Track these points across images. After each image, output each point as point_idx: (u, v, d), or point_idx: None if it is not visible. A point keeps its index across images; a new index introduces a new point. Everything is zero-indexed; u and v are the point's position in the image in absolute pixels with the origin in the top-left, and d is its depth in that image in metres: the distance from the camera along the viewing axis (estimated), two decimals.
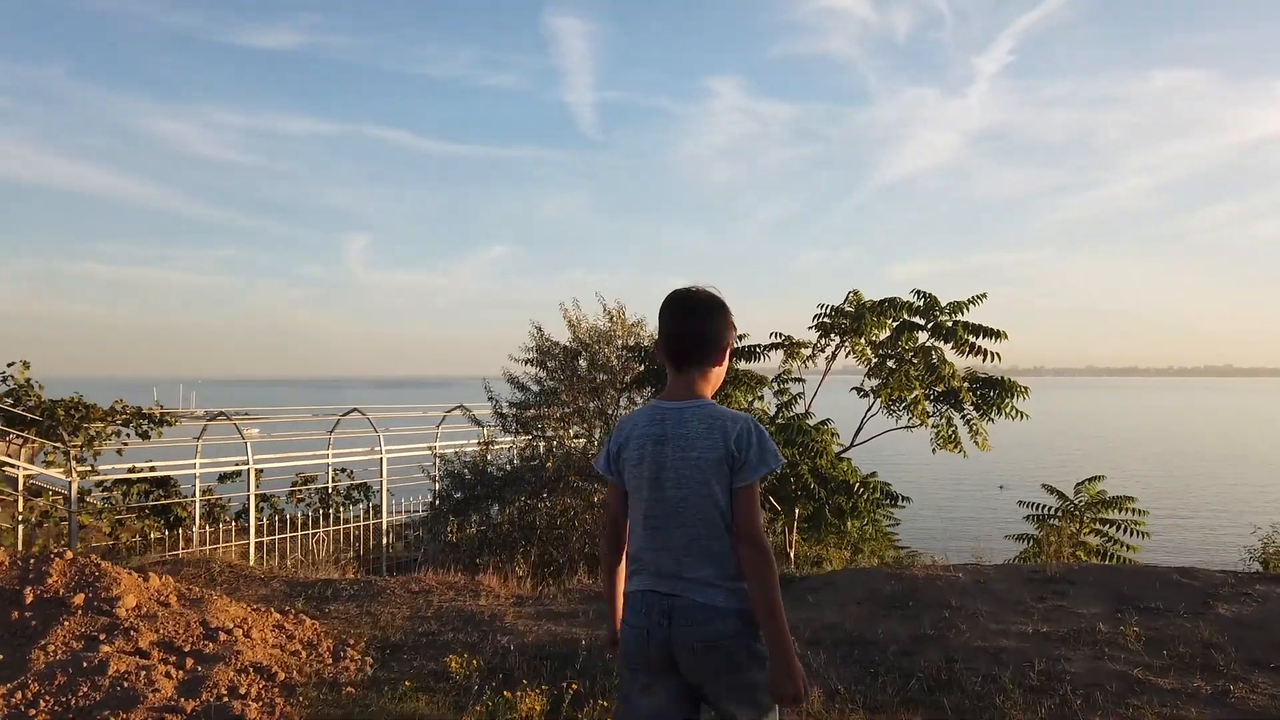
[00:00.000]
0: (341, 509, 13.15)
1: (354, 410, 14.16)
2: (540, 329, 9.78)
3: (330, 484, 13.95)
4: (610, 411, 9.53)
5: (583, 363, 9.47)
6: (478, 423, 9.78)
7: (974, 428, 8.23)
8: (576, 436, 8.95)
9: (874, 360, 8.06)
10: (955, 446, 8.23)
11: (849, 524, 7.48)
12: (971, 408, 8.27)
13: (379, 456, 13.20)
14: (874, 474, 15.43)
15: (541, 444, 9.58)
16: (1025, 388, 8.17)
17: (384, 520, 12.72)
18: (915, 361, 7.64)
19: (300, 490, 14.00)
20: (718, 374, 2.60)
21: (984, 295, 7.29)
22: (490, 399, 9.70)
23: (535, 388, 9.53)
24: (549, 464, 9.29)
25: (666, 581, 2.47)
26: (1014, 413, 8.27)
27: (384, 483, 12.94)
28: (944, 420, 8.19)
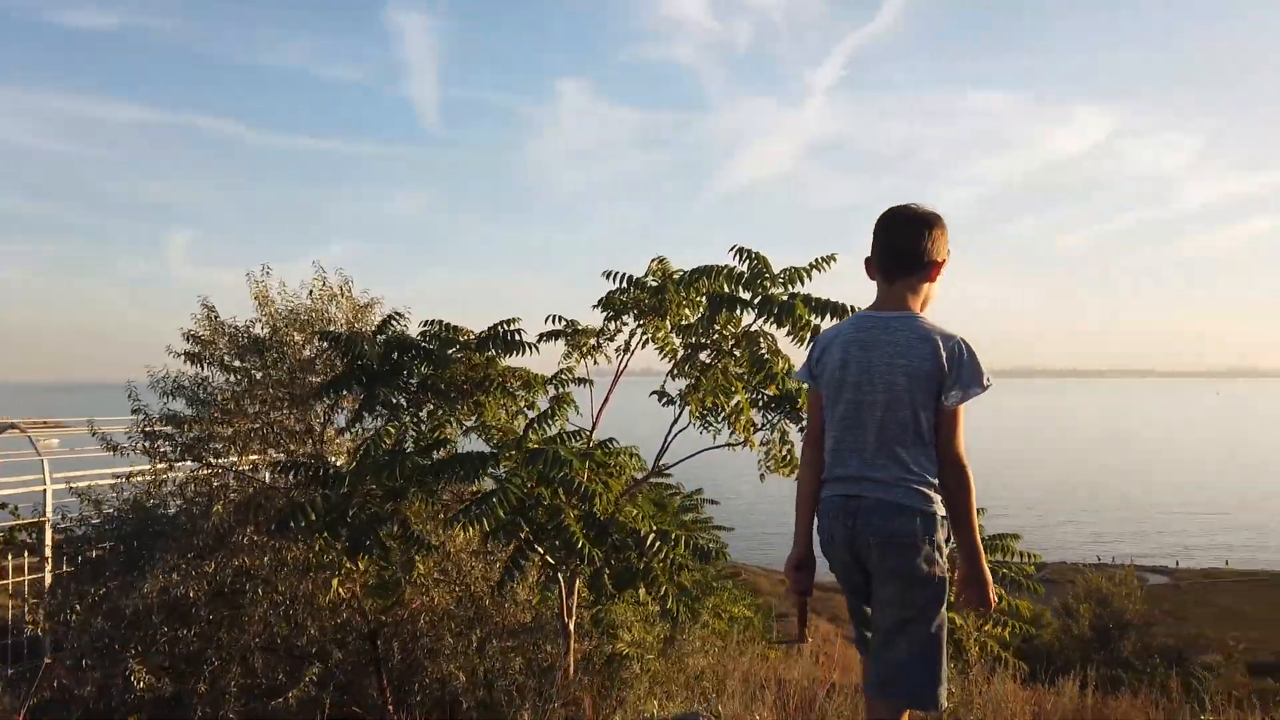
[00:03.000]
0: None
1: (12, 426, 10.44)
2: (212, 310, 6.66)
3: None
4: (319, 429, 6.56)
5: (276, 356, 6.44)
6: (111, 446, 6.59)
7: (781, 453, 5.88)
8: (274, 468, 5.95)
9: (680, 352, 5.48)
10: (791, 470, 5.80)
11: (641, 592, 4.87)
12: None
13: (45, 488, 9.64)
14: (697, 493, 12.95)
15: (218, 477, 6.55)
16: None
17: (44, 577, 9.18)
18: (737, 353, 5.09)
19: None
20: (928, 290, 2.67)
21: (833, 257, 4.85)
22: (137, 410, 6.54)
23: (202, 394, 6.43)
24: (218, 507, 6.25)
25: (854, 485, 2.51)
26: None
27: (47, 525, 9.36)
28: (776, 435, 5.72)
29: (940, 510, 2.48)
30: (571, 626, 6.28)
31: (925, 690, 2.43)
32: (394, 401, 5.64)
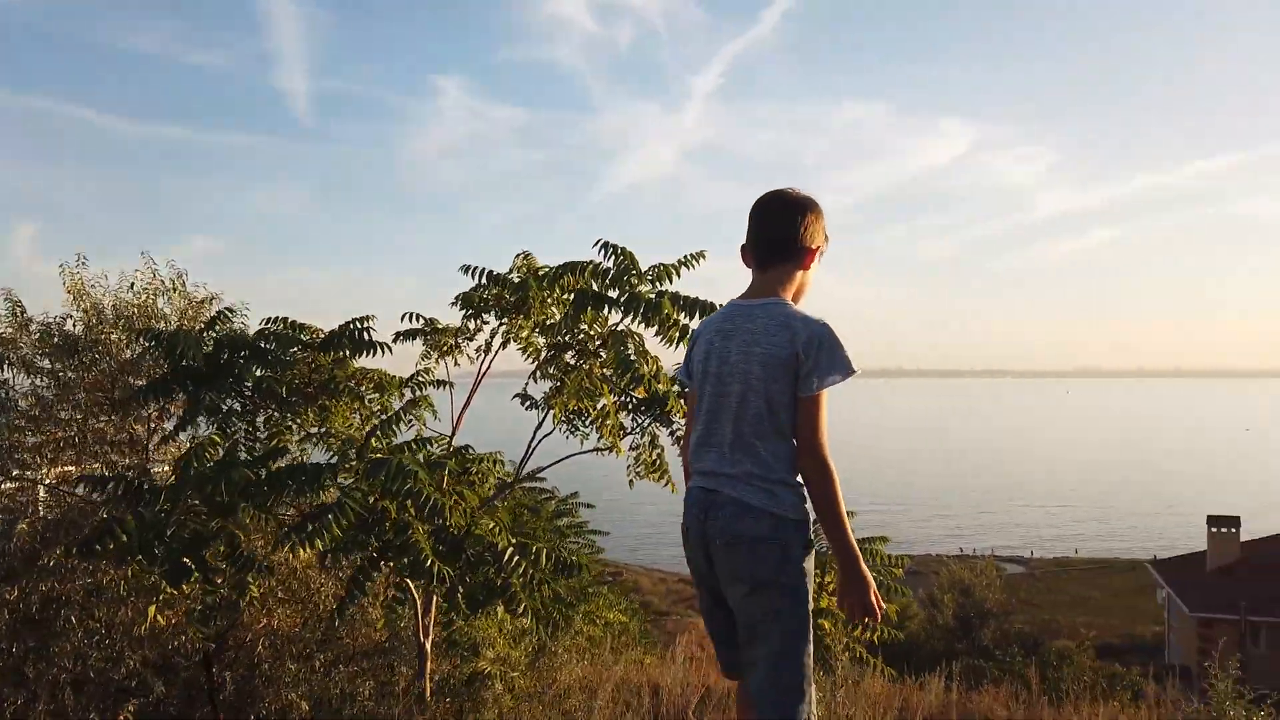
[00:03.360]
0: None
1: None
2: (18, 304, 5.90)
3: None
4: (144, 438, 5.91)
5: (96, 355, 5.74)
6: None
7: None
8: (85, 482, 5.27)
9: (545, 352, 5.15)
10: (662, 476, 5.56)
11: (500, 610, 4.51)
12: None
13: None
14: (572, 497, 12.61)
15: (24, 491, 5.79)
16: None
17: None
18: (604, 354, 4.80)
19: None
20: (802, 277, 2.55)
21: (702, 254, 4.62)
22: None
23: (2, 397, 5.67)
24: (23, 525, 5.52)
25: (712, 479, 2.39)
26: None
27: None
28: (646, 440, 5.46)
29: (799, 514, 2.36)
30: (428, 646, 5.86)
31: (781, 710, 2.27)
32: (223, 407, 5.09)
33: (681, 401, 5.79)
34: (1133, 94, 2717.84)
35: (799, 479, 2.37)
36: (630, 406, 5.60)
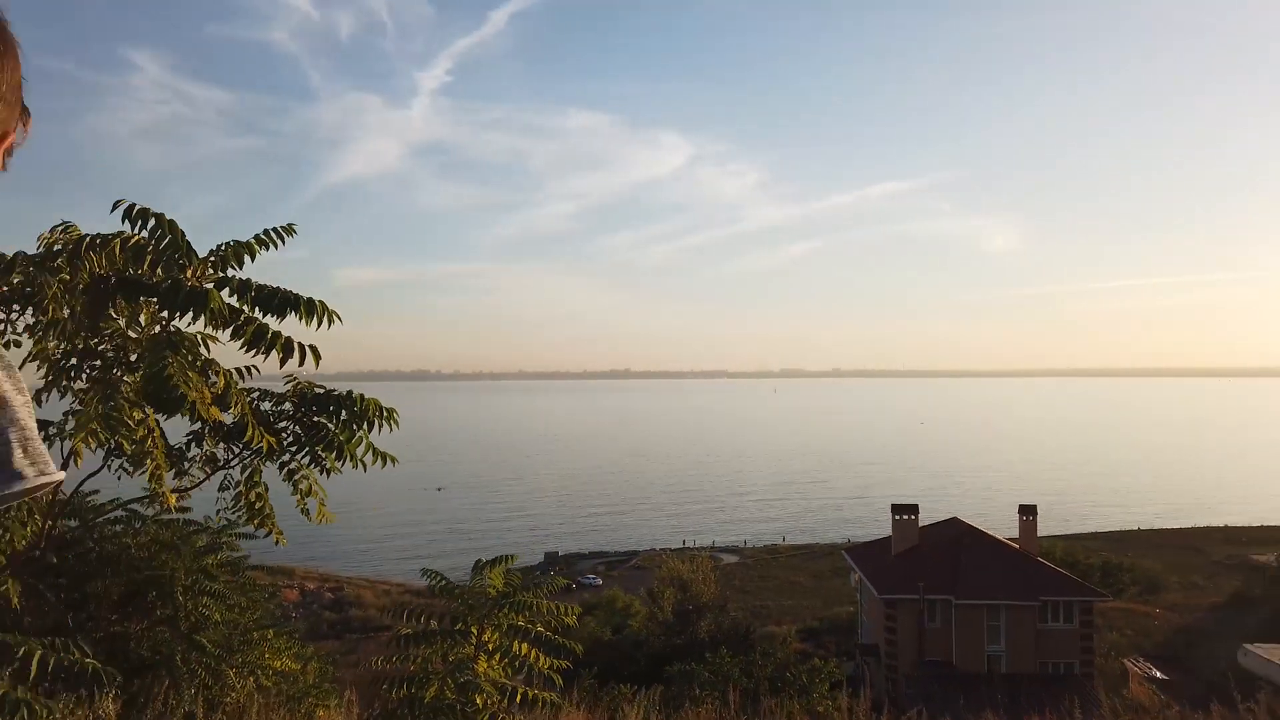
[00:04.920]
0: None
1: None
2: None
3: None
4: None
5: None
6: None
7: (303, 486, 4.31)
8: None
9: (63, 361, 3.60)
10: (266, 524, 4.17)
11: None
12: (309, 455, 4.37)
13: None
14: (228, 529, 10.68)
15: None
16: (391, 411, 4.48)
17: None
18: (152, 364, 3.36)
19: None
20: None
21: (290, 228, 3.30)
22: None
23: None
24: None
25: None
26: (374, 457, 4.51)
27: None
28: (245, 479, 4.05)
29: None
30: None
31: None
32: None
33: (303, 425, 4.46)
34: (826, 121, 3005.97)
35: None
36: (210, 433, 4.16)
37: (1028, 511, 39.38)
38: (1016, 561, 37.54)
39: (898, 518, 39.99)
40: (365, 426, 4.13)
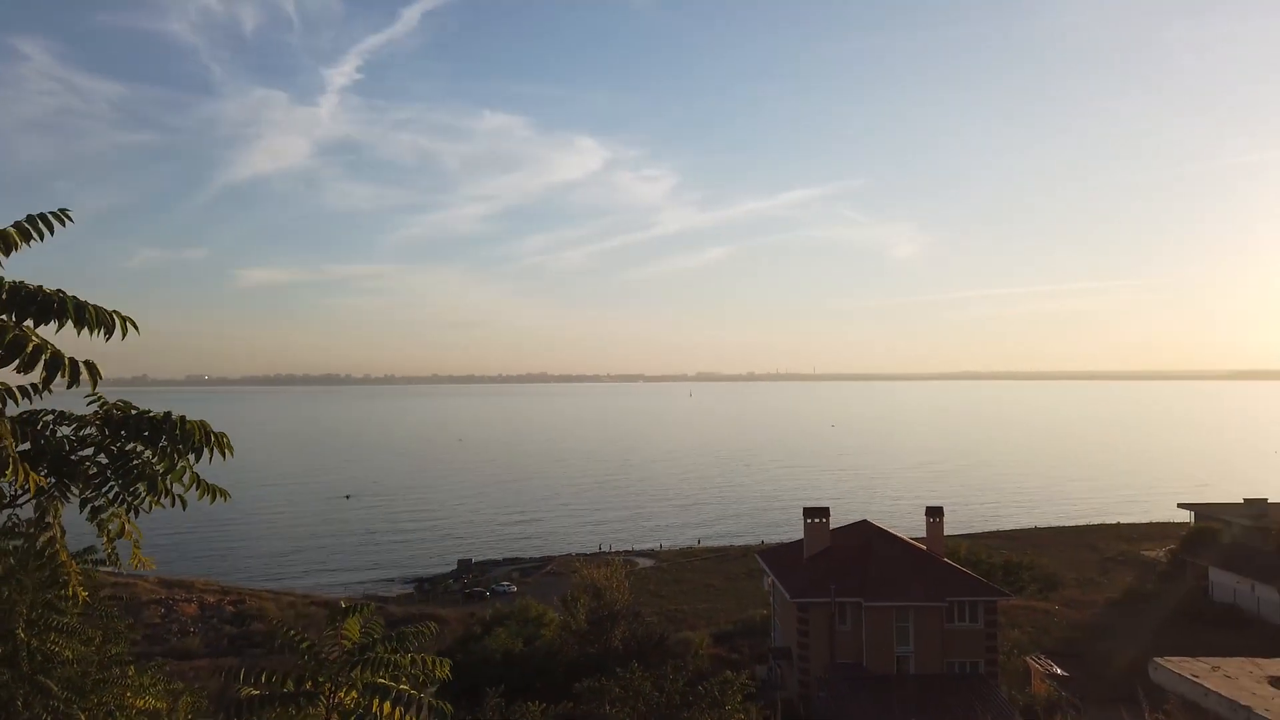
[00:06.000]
0: None
1: None
2: None
3: None
4: None
5: None
6: None
7: (112, 528, 3.60)
8: None
9: None
10: (69, 579, 3.48)
11: None
12: (118, 490, 3.65)
13: None
14: (88, 552, 9.73)
15: None
16: (222, 437, 3.80)
17: None
18: None
19: None
20: None
21: (64, 214, 2.63)
22: None
23: None
24: None
25: None
26: (200, 492, 3.82)
27: None
28: (36, 520, 3.33)
29: None
30: None
31: None
32: None
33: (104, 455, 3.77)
34: (739, 127, 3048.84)
35: None
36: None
37: (934, 513, 40.07)
38: (924, 563, 38.13)
39: (809, 521, 40.23)
40: (190, 455, 3.48)
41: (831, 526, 40.83)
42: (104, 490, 3.51)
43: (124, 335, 3.03)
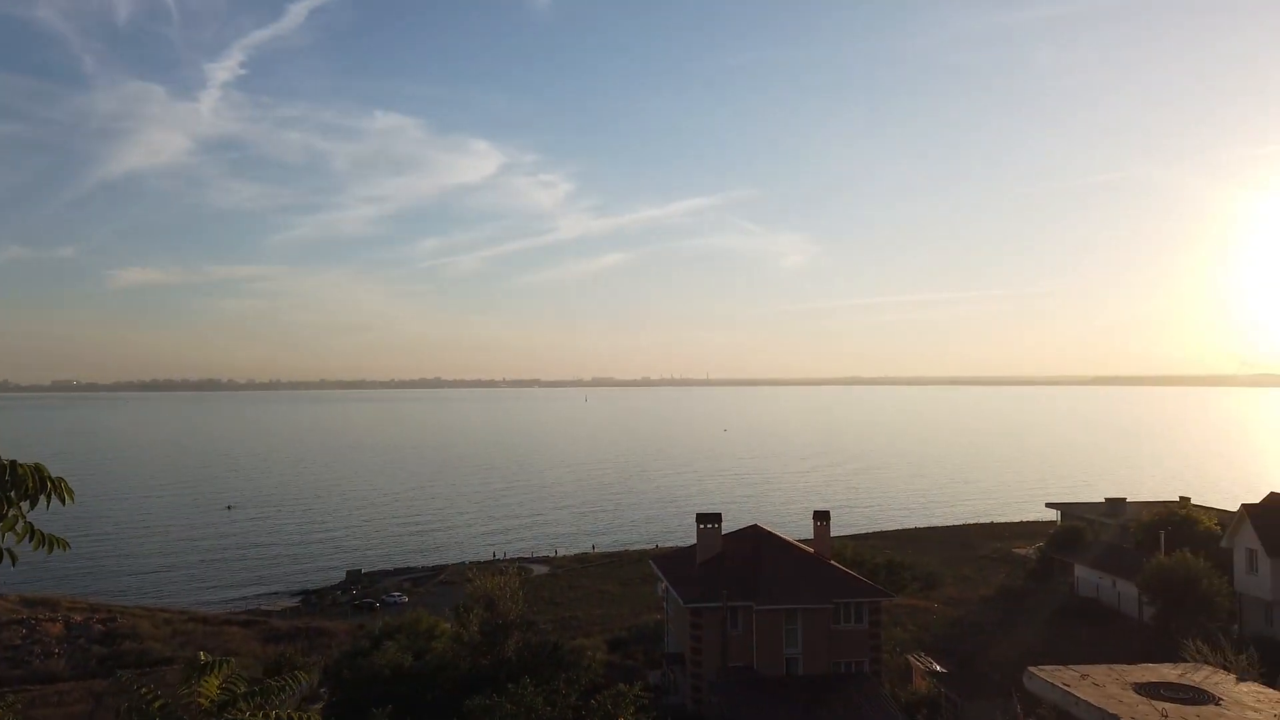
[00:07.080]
0: None
1: None
2: None
3: None
4: None
5: None
6: None
7: None
8: None
9: None
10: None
11: None
12: None
13: None
14: None
15: None
16: (60, 482, 3.58)
17: None
18: None
19: None
20: None
21: None
22: None
23: None
24: None
25: None
26: (35, 543, 3.57)
27: None
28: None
29: None
30: None
31: None
32: None
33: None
34: (634, 135, 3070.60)
35: None
36: None
37: (821, 517, 41.12)
38: (811, 566, 39.07)
39: (702, 527, 40.67)
40: (23, 503, 3.22)
41: (724, 530, 41.39)
42: None
43: None
